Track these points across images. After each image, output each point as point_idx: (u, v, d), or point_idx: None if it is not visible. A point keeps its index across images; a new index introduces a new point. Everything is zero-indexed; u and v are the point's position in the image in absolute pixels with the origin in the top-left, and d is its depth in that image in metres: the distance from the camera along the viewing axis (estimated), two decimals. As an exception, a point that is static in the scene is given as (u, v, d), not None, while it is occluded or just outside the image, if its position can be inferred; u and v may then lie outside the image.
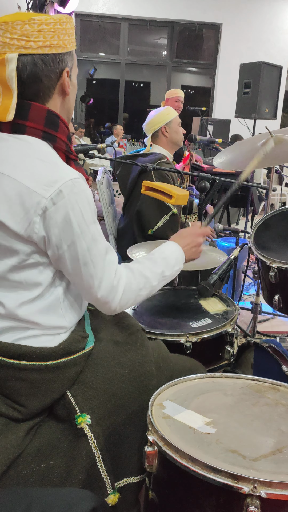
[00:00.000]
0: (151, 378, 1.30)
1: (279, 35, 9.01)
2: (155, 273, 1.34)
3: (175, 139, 2.81)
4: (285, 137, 1.95)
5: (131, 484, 1.23)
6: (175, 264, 1.41)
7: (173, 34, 9.25)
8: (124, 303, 1.26)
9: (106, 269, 1.20)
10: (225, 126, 6.97)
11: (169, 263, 1.39)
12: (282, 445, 1.02)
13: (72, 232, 1.13)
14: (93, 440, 1.16)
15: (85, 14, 8.65)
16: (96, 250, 1.18)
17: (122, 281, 1.24)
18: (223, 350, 1.65)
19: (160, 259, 1.38)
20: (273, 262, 1.69)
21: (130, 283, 1.26)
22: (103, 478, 1.17)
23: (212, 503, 0.93)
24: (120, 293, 1.23)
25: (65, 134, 1.23)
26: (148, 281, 1.31)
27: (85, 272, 1.17)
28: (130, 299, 1.27)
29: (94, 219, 1.18)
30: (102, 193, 3.00)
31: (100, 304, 1.24)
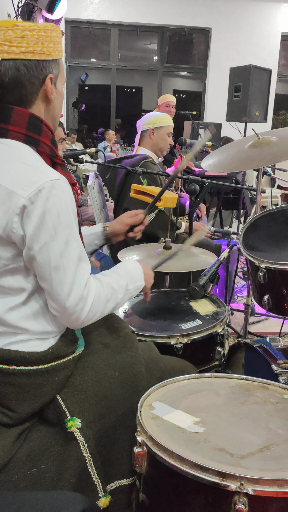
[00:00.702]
0: (141, 380, 1.30)
1: (268, 39, 9.09)
2: (120, 285, 1.31)
3: (160, 145, 2.84)
4: (272, 138, 1.96)
5: (123, 487, 1.23)
6: (137, 279, 1.38)
7: (163, 39, 9.31)
8: (92, 315, 1.21)
9: (78, 277, 1.16)
10: (216, 129, 6.99)
11: (132, 277, 1.36)
12: (270, 442, 1.02)
13: (45, 233, 1.11)
14: (83, 444, 1.16)
15: (75, 21, 8.69)
16: (69, 256, 1.14)
17: (92, 292, 1.20)
18: (213, 351, 1.66)
19: (124, 273, 1.36)
20: (261, 262, 1.70)
21: (100, 294, 1.22)
22: (94, 481, 1.17)
23: (200, 501, 0.93)
24: (89, 304, 1.18)
25: (49, 138, 1.23)
26: (115, 292, 1.28)
27: (55, 277, 1.13)
28: (98, 311, 1.22)
29: (72, 223, 1.16)
30: (94, 198, 3.01)
31: (66, 315, 1.18)
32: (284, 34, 9.25)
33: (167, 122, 2.83)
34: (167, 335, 1.58)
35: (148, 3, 8.64)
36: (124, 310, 1.79)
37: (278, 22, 9.12)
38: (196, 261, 1.98)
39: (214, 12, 8.83)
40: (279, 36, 9.20)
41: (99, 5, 8.65)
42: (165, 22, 8.94)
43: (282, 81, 10.27)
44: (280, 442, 1.03)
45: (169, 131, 2.85)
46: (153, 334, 1.59)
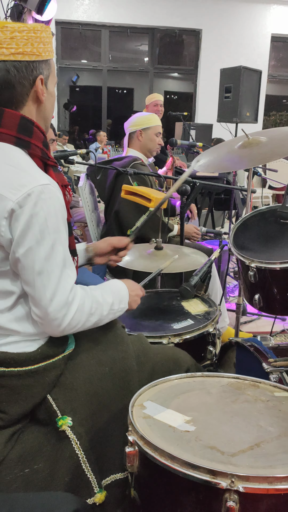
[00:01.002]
0: (132, 374, 1.31)
1: (258, 40, 9.15)
2: (106, 302, 1.29)
3: (148, 146, 2.83)
4: (262, 139, 1.98)
5: (118, 480, 1.24)
6: (121, 300, 1.36)
7: (154, 41, 9.33)
8: (74, 324, 1.19)
9: (62, 283, 1.15)
10: (207, 130, 7.03)
11: (117, 297, 1.34)
12: (260, 440, 1.03)
13: (31, 237, 1.11)
14: (75, 441, 1.17)
15: (65, 22, 8.69)
16: (54, 261, 1.14)
17: (76, 299, 1.19)
18: (205, 350, 1.67)
19: (110, 291, 1.34)
20: (251, 262, 1.71)
21: (84, 304, 1.21)
22: (89, 477, 1.18)
23: (191, 499, 0.93)
24: (72, 311, 1.17)
25: (40, 140, 1.23)
26: (100, 307, 1.26)
27: (39, 282, 1.12)
28: (80, 321, 1.21)
29: (59, 228, 1.15)
30: (85, 199, 3.01)
31: (48, 321, 1.16)
32: (274, 35, 9.32)
33: (154, 122, 2.82)
34: (158, 335, 1.58)
35: (138, 4, 8.66)
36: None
37: (268, 23, 9.18)
38: (188, 262, 1.99)
39: (204, 14, 8.87)
40: (269, 37, 9.27)
41: (90, 6, 8.66)
42: (155, 23, 8.97)
43: (273, 82, 10.34)
44: (270, 439, 1.04)
45: (157, 131, 2.83)
46: (145, 334, 1.59)
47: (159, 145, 2.89)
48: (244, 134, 2.01)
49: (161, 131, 2.86)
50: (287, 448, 1.01)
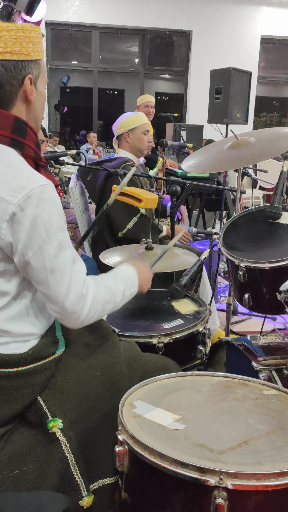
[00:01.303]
0: (123, 379, 1.31)
1: (248, 42, 9.20)
2: (118, 289, 1.33)
3: (137, 146, 2.82)
4: (251, 139, 1.99)
5: (106, 486, 1.24)
6: (132, 285, 1.39)
7: (144, 42, 9.35)
8: (92, 315, 1.22)
9: (74, 277, 1.18)
10: (198, 131, 7.04)
11: (127, 282, 1.38)
12: (249, 437, 1.04)
13: (39, 238, 1.12)
14: (65, 444, 1.16)
15: (55, 23, 8.68)
16: (63, 258, 1.16)
17: (90, 291, 1.22)
18: (195, 350, 1.68)
19: (121, 278, 1.38)
20: (241, 261, 1.73)
21: (98, 294, 1.24)
22: (77, 481, 1.18)
23: (181, 497, 0.94)
24: (88, 303, 1.20)
25: (33, 141, 1.24)
26: (113, 295, 1.30)
27: (52, 280, 1.15)
28: (97, 311, 1.24)
29: (63, 227, 1.18)
30: (76, 200, 3.01)
31: (67, 315, 1.19)
32: (264, 37, 9.37)
33: (140, 121, 2.81)
34: (149, 335, 1.59)
35: (128, 5, 8.67)
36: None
37: (257, 25, 9.24)
38: (178, 262, 2.00)
39: (195, 15, 8.90)
40: (258, 39, 9.33)
41: (80, 7, 8.65)
42: (145, 25, 8.98)
43: (263, 83, 10.40)
44: (258, 436, 1.05)
45: (145, 129, 2.82)
46: (135, 334, 1.60)
47: (149, 143, 2.88)
48: (233, 135, 2.03)
49: (149, 129, 2.85)
50: (276, 445, 1.03)
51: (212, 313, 2.75)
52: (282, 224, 1.85)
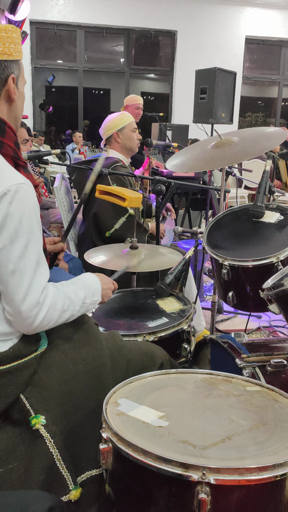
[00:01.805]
0: (106, 371, 1.32)
1: (233, 42, 9.26)
2: (78, 297, 1.31)
3: (128, 145, 2.84)
4: (234, 139, 2.01)
5: (94, 477, 1.25)
6: (93, 294, 1.38)
7: (130, 41, 9.35)
8: (46, 322, 1.21)
9: (35, 282, 1.16)
10: (183, 131, 7.07)
11: (89, 291, 1.37)
12: (232, 433, 1.05)
13: (6, 236, 1.12)
14: (49, 440, 1.17)
15: (40, 22, 8.63)
16: (27, 260, 1.15)
17: (48, 298, 1.20)
18: (180, 348, 1.69)
19: (83, 286, 1.36)
20: (225, 259, 1.74)
21: (56, 302, 1.22)
22: (64, 475, 1.18)
23: (164, 493, 0.95)
24: (44, 310, 1.19)
25: (12, 140, 1.24)
26: (72, 304, 1.28)
27: (11, 281, 1.14)
28: (53, 319, 1.23)
29: (33, 228, 1.17)
30: (60, 200, 3.00)
31: (20, 319, 1.17)
32: (248, 37, 9.45)
33: (127, 120, 2.82)
34: (134, 333, 1.60)
35: (113, 5, 8.67)
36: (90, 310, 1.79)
37: (242, 25, 9.31)
38: (163, 261, 2.01)
39: (180, 15, 8.93)
40: (243, 39, 9.40)
41: (64, 6, 8.62)
42: (131, 24, 8.98)
43: (247, 83, 10.48)
44: (241, 432, 1.06)
45: (132, 127, 2.83)
46: (120, 332, 1.60)
47: (138, 140, 2.89)
48: (217, 134, 2.05)
49: (136, 126, 2.87)
50: (258, 440, 1.04)
51: (198, 314, 2.77)
52: (265, 223, 1.87)
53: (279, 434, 1.06)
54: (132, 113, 4.71)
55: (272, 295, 1.42)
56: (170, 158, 2.16)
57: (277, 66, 10.15)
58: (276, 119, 10.68)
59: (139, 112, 4.84)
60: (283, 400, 1.21)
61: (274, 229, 1.84)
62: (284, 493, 0.97)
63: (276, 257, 1.68)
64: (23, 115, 1.45)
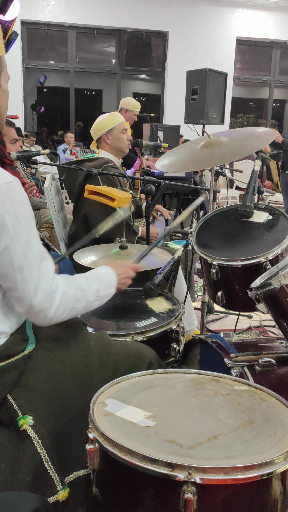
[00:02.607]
0: (94, 371, 1.31)
1: (224, 43, 9.28)
2: (91, 288, 1.32)
3: (117, 146, 2.83)
4: (223, 139, 2.01)
5: (82, 477, 1.24)
6: (108, 286, 1.40)
7: (121, 42, 9.34)
8: (60, 312, 1.22)
9: (43, 274, 1.17)
10: (175, 131, 7.07)
11: (103, 283, 1.38)
12: (218, 432, 1.05)
13: (6, 236, 1.12)
14: (37, 441, 1.16)
15: (31, 22, 8.60)
16: (32, 255, 1.16)
17: (60, 288, 1.21)
18: (169, 348, 1.69)
19: (96, 279, 1.38)
20: (213, 259, 1.75)
21: (67, 292, 1.23)
22: (51, 475, 1.17)
23: (151, 493, 0.95)
24: (57, 300, 1.20)
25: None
26: (85, 294, 1.29)
27: (20, 277, 1.14)
28: (67, 309, 1.24)
29: (30, 223, 1.17)
30: (51, 200, 2.99)
31: (34, 312, 1.19)
32: (239, 39, 9.48)
33: (117, 120, 2.81)
34: (122, 333, 1.59)
35: (105, 5, 8.66)
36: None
37: (233, 26, 9.33)
38: (153, 260, 2.01)
39: (171, 16, 8.94)
40: (234, 41, 9.42)
41: (56, 7, 8.59)
42: (122, 25, 8.98)
43: (239, 84, 10.52)
44: (228, 431, 1.06)
45: (122, 128, 2.82)
46: (109, 332, 1.60)
47: (128, 141, 2.89)
48: (206, 134, 2.05)
49: (126, 127, 2.86)
50: (245, 439, 1.04)
51: (189, 313, 2.77)
52: (254, 223, 1.88)
53: (266, 433, 1.06)
54: (129, 118, 4.74)
55: (260, 295, 1.42)
56: (160, 158, 2.16)
57: (268, 67, 10.19)
58: (267, 120, 10.72)
59: (135, 118, 4.89)
60: (270, 399, 1.21)
61: (263, 229, 1.85)
62: (271, 492, 0.97)
63: (265, 257, 1.68)
64: (13, 115, 1.44)
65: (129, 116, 4.74)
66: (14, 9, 3.17)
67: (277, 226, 1.84)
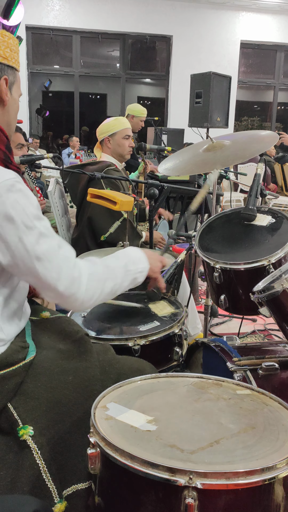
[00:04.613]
0: (96, 383, 1.30)
1: (228, 47, 9.30)
2: (118, 265, 1.31)
3: (117, 151, 2.83)
4: (225, 142, 2.01)
5: (80, 491, 1.22)
6: (138, 260, 1.37)
7: (125, 46, 9.38)
8: (91, 294, 1.22)
9: (63, 261, 1.18)
10: (179, 135, 7.09)
11: (130, 258, 1.37)
12: (220, 436, 1.05)
13: (17, 229, 1.12)
14: (36, 451, 1.14)
15: (36, 27, 8.66)
16: (47, 245, 1.16)
17: (84, 270, 1.21)
18: (172, 352, 1.68)
19: (122, 255, 1.37)
20: (216, 263, 1.74)
21: (93, 272, 1.23)
22: (49, 487, 1.15)
23: (152, 498, 0.94)
24: (84, 282, 1.20)
25: (3, 143, 1.24)
26: (112, 272, 1.28)
27: (40, 267, 1.15)
28: (97, 289, 1.23)
29: (39, 216, 1.17)
30: (54, 204, 3.00)
31: (65, 299, 1.20)
32: (243, 42, 9.50)
33: (120, 126, 2.81)
34: (125, 337, 1.59)
35: (109, 10, 8.71)
36: (82, 314, 1.79)
37: (237, 30, 9.36)
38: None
39: (175, 20, 8.97)
40: (238, 44, 9.44)
41: (60, 12, 8.65)
42: (126, 29, 9.02)
43: (243, 88, 10.53)
44: (230, 436, 1.05)
45: (125, 134, 2.82)
46: (111, 336, 1.60)
47: (130, 148, 2.88)
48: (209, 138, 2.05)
49: (129, 134, 2.85)
50: (247, 444, 1.03)
51: (193, 317, 2.76)
52: (257, 226, 1.87)
53: (268, 438, 1.05)
54: (135, 124, 4.75)
55: (262, 298, 1.42)
56: (162, 161, 2.16)
57: (272, 70, 10.20)
58: (272, 123, 10.72)
59: (142, 124, 4.90)
60: (273, 404, 1.20)
61: (266, 232, 1.84)
62: (273, 497, 0.96)
63: (268, 260, 1.67)
64: (18, 119, 1.46)
65: (135, 122, 4.76)
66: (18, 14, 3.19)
67: (280, 229, 1.83)
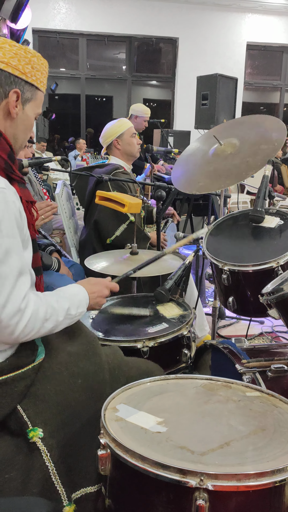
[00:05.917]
0: (105, 386, 1.30)
1: (234, 48, 9.29)
2: (62, 307, 1.27)
3: (128, 151, 2.85)
4: (234, 141, 2.01)
5: (89, 494, 1.22)
6: (79, 305, 1.33)
7: (131, 49, 9.41)
8: (28, 331, 1.17)
9: (16, 289, 1.13)
10: (185, 137, 7.09)
11: (74, 302, 1.32)
12: (230, 438, 1.05)
13: None
14: (46, 454, 1.15)
15: (42, 30, 8.70)
16: (7, 267, 1.12)
17: (30, 306, 1.16)
18: (180, 353, 1.68)
19: (67, 296, 1.32)
20: (225, 265, 1.74)
21: (38, 310, 1.18)
22: (58, 490, 1.16)
23: (162, 499, 0.94)
24: (26, 318, 1.15)
25: (5, 152, 1.22)
26: (55, 313, 1.24)
27: None
28: (34, 328, 1.18)
29: (14, 233, 1.14)
30: (62, 206, 3.01)
31: (2, 328, 1.13)
32: (250, 44, 9.48)
33: (126, 125, 2.83)
34: (133, 339, 1.59)
35: (115, 12, 8.73)
36: (91, 316, 1.79)
37: (243, 31, 9.34)
38: (163, 266, 2.01)
39: (181, 22, 8.98)
40: (244, 46, 9.43)
41: (67, 15, 8.69)
42: (132, 32, 9.04)
43: (249, 89, 10.51)
44: (240, 438, 1.05)
45: (131, 132, 2.83)
46: (120, 338, 1.60)
47: (138, 145, 2.90)
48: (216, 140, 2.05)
49: (135, 131, 2.88)
50: (257, 445, 1.03)
51: (201, 319, 2.76)
52: (265, 228, 1.87)
53: (278, 440, 1.05)
54: (139, 124, 4.76)
55: (271, 300, 1.42)
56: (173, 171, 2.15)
57: (279, 71, 10.17)
58: (278, 125, 10.68)
59: (146, 123, 4.91)
60: (282, 406, 1.20)
61: (274, 234, 1.84)
62: (283, 499, 0.97)
63: (276, 262, 1.67)
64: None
65: (139, 122, 4.76)
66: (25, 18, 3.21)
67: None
